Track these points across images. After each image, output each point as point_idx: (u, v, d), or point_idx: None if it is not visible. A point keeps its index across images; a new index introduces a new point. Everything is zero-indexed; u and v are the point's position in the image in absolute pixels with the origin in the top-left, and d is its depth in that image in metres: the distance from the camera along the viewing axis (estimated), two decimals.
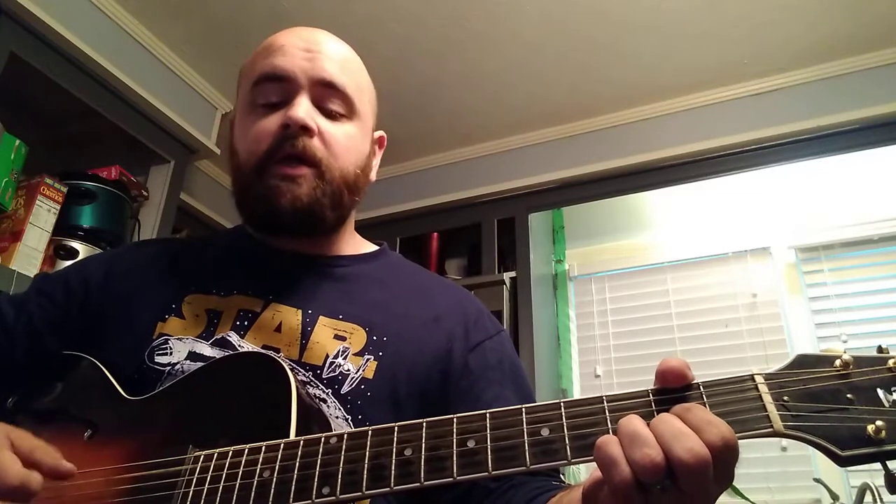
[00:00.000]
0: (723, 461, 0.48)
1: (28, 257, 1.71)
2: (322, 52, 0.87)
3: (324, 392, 0.77)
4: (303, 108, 0.82)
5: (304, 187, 0.82)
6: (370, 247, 0.99)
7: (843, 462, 0.49)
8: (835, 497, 1.94)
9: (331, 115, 0.86)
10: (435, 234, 2.67)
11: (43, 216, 1.77)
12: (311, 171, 0.83)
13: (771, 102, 2.32)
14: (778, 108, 2.29)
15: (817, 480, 1.98)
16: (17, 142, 1.76)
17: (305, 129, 0.82)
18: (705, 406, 0.52)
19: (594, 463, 0.51)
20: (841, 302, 2.29)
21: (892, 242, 2.29)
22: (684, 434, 0.48)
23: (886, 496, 1.81)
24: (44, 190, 1.77)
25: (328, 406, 0.76)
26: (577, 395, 2.54)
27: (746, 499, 1.95)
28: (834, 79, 2.25)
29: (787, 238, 2.43)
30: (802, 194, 2.47)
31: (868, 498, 1.82)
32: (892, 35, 2.13)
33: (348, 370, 0.79)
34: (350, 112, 0.88)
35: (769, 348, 2.31)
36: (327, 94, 0.86)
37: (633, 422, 0.51)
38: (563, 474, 0.83)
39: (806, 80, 2.29)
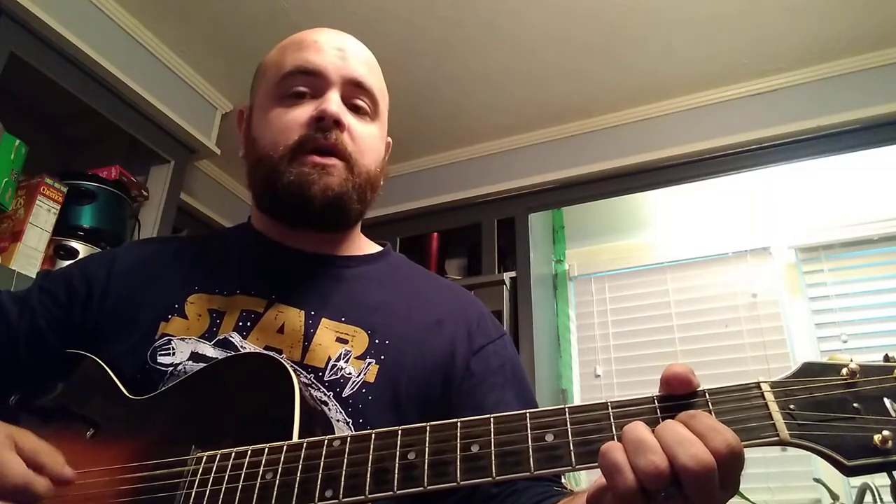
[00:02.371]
0: (728, 469, 0.48)
1: (28, 257, 1.71)
2: (352, 52, 0.90)
3: (325, 395, 0.77)
4: (335, 103, 0.85)
5: (335, 177, 0.83)
6: (374, 247, 0.98)
7: (848, 472, 0.49)
8: (835, 497, 1.95)
9: (357, 114, 0.88)
10: (435, 234, 2.67)
11: (43, 216, 1.77)
12: (342, 163, 0.84)
13: (771, 102, 2.32)
14: (778, 108, 2.29)
15: (817, 480, 1.98)
16: (17, 142, 1.76)
17: (338, 124, 0.84)
18: (711, 413, 0.52)
19: (598, 469, 0.51)
20: (841, 302, 2.29)
21: (892, 242, 2.29)
22: (689, 441, 0.48)
23: (886, 496, 1.81)
24: (44, 190, 1.77)
25: (329, 409, 0.76)
26: (577, 395, 2.54)
27: (746, 499, 1.95)
28: (834, 79, 2.25)
29: (787, 238, 2.43)
30: (802, 194, 2.47)
31: (868, 498, 1.83)
32: (893, 35, 2.13)
33: (350, 373, 0.79)
34: (374, 113, 0.91)
35: (769, 348, 2.31)
36: (356, 94, 0.88)
37: (638, 428, 0.50)
38: (563, 478, 0.83)
39: (806, 80, 2.29)
